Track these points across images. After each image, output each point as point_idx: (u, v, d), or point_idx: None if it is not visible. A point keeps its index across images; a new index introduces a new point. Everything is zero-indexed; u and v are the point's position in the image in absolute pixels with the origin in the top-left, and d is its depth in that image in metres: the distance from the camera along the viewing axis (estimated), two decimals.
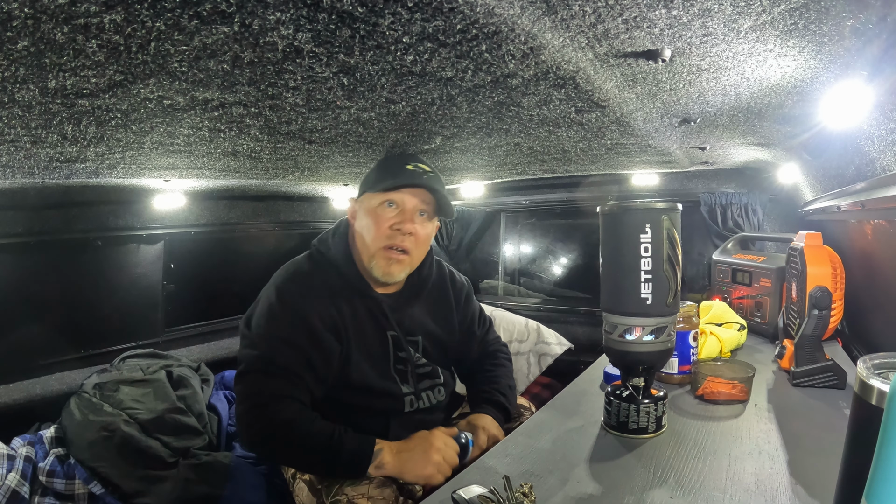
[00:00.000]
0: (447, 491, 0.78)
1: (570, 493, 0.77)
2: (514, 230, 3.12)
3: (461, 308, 1.33)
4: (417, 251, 1.16)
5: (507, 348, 1.43)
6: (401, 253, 1.12)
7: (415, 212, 1.14)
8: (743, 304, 1.70)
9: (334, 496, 1.02)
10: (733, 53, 0.73)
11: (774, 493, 0.74)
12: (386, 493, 1.00)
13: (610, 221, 0.94)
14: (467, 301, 1.35)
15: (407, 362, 1.20)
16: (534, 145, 1.35)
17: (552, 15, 0.58)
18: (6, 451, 1.45)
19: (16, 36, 0.49)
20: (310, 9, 0.50)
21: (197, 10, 0.48)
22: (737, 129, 1.27)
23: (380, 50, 0.61)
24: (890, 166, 0.94)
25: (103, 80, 0.64)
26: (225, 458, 1.66)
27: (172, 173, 1.48)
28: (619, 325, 0.93)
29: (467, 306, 1.35)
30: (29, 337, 1.79)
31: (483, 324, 1.40)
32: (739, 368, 1.14)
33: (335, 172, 1.68)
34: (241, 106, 0.82)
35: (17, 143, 0.93)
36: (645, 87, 0.89)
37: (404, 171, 1.13)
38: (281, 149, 1.20)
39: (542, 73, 0.73)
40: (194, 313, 2.35)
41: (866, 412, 0.50)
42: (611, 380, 1.22)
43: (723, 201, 2.18)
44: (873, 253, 1.25)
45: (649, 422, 0.95)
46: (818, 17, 0.60)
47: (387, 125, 1.02)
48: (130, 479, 1.50)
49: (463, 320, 1.34)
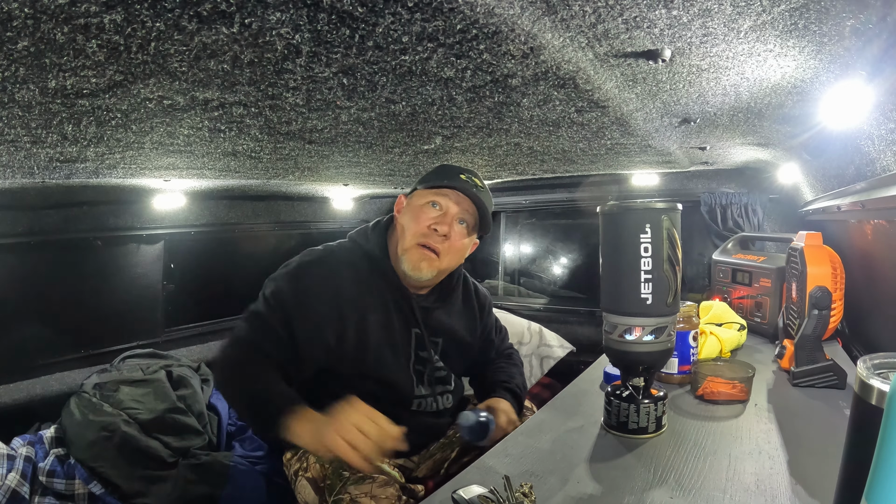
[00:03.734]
0: (447, 491, 0.79)
1: (570, 493, 0.77)
2: (514, 230, 3.12)
3: (483, 319, 1.38)
4: (448, 257, 1.16)
5: (519, 357, 1.47)
6: (432, 252, 1.14)
7: (455, 218, 1.16)
8: (743, 304, 1.70)
9: (337, 494, 1.02)
10: (733, 53, 0.73)
11: (774, 493, 0.74)
12: (388, 493, 1.00)
13: (610, 221, 0.94)
14: (488, 313, 1.41)
15: (426, 363, 1.21)
16: (534, 145, 1.35)
17: (552, 15, 0.58)
18: (6, 451, 1.45)
19: (16, 36, 0.49)
20: (310, 9, 0.50)
21: (197, 10, 0.48)
22: (737, 129, 1.27)
23: (380, 50, 0.61)
24: (890, 166, 0.94)
25: (103, 80, 0.64)
26: (225, 458, 1.66)
27: (172, 173, 1.48)
28: (619, 325, 0.93)
29: (488, 317, 1.40)
30: (29, 337, 1.79)
31: (499, 332, 1.45)
32: (739, 368, 1.14)
33: (335, 172, 1.68)
34: (241, 106, 0.82)
35: (17, 143, 0.93)
36: (645, 87, 0.89)
37: (456, 178, 1.16)
38: (281, 149, 1.20)
39: (542, 73, 0.73)
40: (194, 313, 2.34)
41: (866, 412, 0.50)
42: (611, 380, 1.22)
43: (723, 201, 2.18)
44: (873, 253, 1.25)
45: (649, 422, 0.95)
46: (818, 17, 0.60)
47: (387, 125, 1.02)
48: (130, 479, 1.50)
49: (483, 329, 1.38)
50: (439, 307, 1.26)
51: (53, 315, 1.86)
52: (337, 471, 1.07)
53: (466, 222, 1.18)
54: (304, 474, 1.13)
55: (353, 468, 1.06)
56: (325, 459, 1.06)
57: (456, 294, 1.31)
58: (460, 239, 1.17)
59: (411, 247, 1.14)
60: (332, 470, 1.08)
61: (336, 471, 1.07)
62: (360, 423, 0.89)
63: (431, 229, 1.13)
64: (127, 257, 2.06)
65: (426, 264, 1.14)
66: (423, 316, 1.21)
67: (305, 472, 1.13)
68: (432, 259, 1.14)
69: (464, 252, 1.21)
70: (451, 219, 1.15)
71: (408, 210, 1.19)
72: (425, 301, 1.23)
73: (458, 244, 1.17)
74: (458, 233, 1.16)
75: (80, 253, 1.92)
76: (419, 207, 1.16)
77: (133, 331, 2.10)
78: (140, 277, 2.10)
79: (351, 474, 1.05)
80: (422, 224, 1.14)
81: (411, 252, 1.14)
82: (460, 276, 1.33)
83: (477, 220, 1.20)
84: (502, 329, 1.48)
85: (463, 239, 1.18)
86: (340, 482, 1.04)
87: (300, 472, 1.15)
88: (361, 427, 0.89)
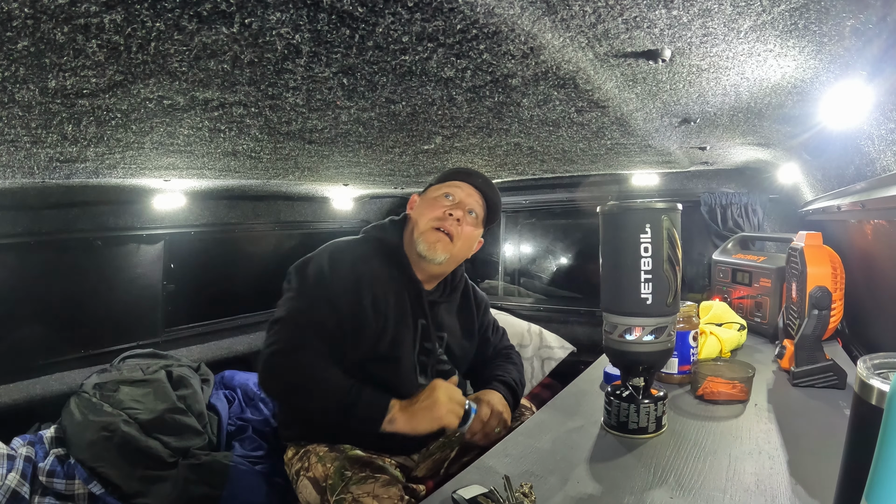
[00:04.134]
0: (447, 491, 0.79)
1: (570, 493, 0.77)
2: (514, 230, 3.12)
3: (480, 317, 1.44)
4: (460, 243, 1.23)
5: (519, 356, 1.49)
6: (447, 236, 1.21)
7: (467, 207, 1.25)
8: (743, 304, 1.70)
9: (339, 494, 1.02)
10: (733, 53, 0.73)
11: (774, 493, 0.74)
12: (391, 492, 1.00)
13: (610, 221, 0.94)
14: (485, 312, 1.48)
15: (430, 354, 1.26)
16: (534, 145, 1.36)
17: (552, 15, 0.58)
18: (6, 451, 1.45)
19: (16, 36, 0.49)
20: (310, 9, 0.50)
21: (197, 10, 0.48)
22: (737, 129, 1.27)
23: (380, 50, 0.61)
24: (890, 166, 0.94)
25: (103, 80, 0.64)
26: (225, 458, 1.66)
27: (172, 173, 1.48)
28: (619, 325, 0.93)
29: (485, 316, 1.48)
30: (29, 337, 1.78)
31: (497, 331, 1.51)
32: (739, 368, 1.14)
33: (335, 172, 1.68)
34: (241, 106, 0.82)
35: (17, 143, 0.93)
36: (645, 87, 0.89)
37: (468, 175, 1.27)
38: (281, 149, 1.20)
39: (542, 73, 0.73)
40: (194, 313, 2.34)
41: (866, 412, 0.50)
42: (611, 380, 1.22)
43: (723, 201, 2.18)
44: (873, 253, 1.25)
45: (649, 422, 0.95)
46: (818, 17, 0.60)
47: (387, 125, 1.02)
48: (130, 479, 1.49)
49: (480, 327, 1.44)
50: (443, 303, 1.32)
51: (53, 315, 1.86)
52: (339, 471, 1.07)
53: (476, 213, 1.26)
54: (306, 474, 1.13)
55: (355, 467, 1.07)
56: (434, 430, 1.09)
57: (457, 294, 1.37)
58: (469, 228, 1.25)
59: (427, 230, 1.21)
60: (334, 470, 1.08)
61: (338, 471, 1.07)
62: (455, 396, 1.06)
63: (446, 214, 1.22)
64: (127, 257, 2.05)
65: (441, 245, 1.20)
66: (430, 309, 1.27)
67: (307, 471, 1.13)
68: (447, 242, 1.21)
69: (472, 242, 1.29)
70: (464, 208, 1.24)
71: (422, 203, 1.28)
72: (431, 295, 1.28)
73: (467, 232, 1.24)
74: (469, 221, 1.25)
75: (80, 253, 1.91)
76: (433, 199, 1.25)
77: (133, 331, 2.10)
78: (140, 277, 2.10)
79: (353, 474, 1.05)
80: (436, 210, 1.22)
81: (427, 234, 1.21)
82: (462, 275, 1.39)
83: (485, 213, 1.29)
84: (500, 328, 1.52)
85: (471, 229, 1.26)
86: (343, 482, 1.04)
87: (302, 472, 1.15)
88: (457, 399, 1.06)
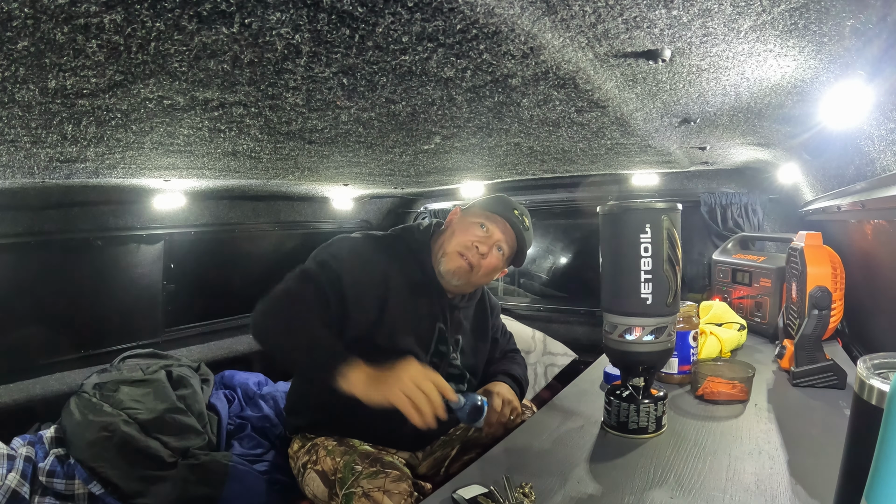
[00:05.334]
0: (447, 491, 0.79)
1: (570, 493, 0.77)
2: None
3: (492, 320, 1.50)
4: (481, 273, 1.26)
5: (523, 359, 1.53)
6: (468, 265, 1.24)
7: (496, 243, 1.27)
8: (743, 304, 1.70)
9: (349, 488, 1.03)
10: (733, 53, 0.73)
11: (774, 493, 0.74)
12: (401, 488, 1.01)
13: (610, 221, 0.94)
14: (497, 315, 1.55)
15: (443, 357, 1.29)
16: (534, 145, 1.35)
17: (552, 15, 0.58)
18: (6, 451, 1.45)
19: (16, 36, 0.49)
20: (310, 9, 0.50)
21: (197, 10, 0.48)
22: (737, 129, 1.27)
23: (380, 50, 0.61)
24: (890, 166, 0.94)
25: (103, 80, 0.64)
26: (224, 458, 1.65)
27: (172, 173, 1.48)
28: (619, 325, 0.93)
29: (496, 319, 1.54)
30: (29, 337, 1.78)
31: (504, 334, 1.55)
32: (739, 368, 1.14)
33: (335, 172, 1.68)
34: (241, 106, 0.82)
35: (17, 143, 0.93)
36: (645, 87, 0.89)
37: (510, 211, 1.29)
38: (281, 149, 1.20)
39: (542, 73, 0.73)
40: (194, 313, 2.34)
41: (866, 412, 0.50)
42: (611, 380, 1.22)
43: (723, 201, 2.18)
44: (873, 253, 1.25)
45: (649, 422, 0.95)
46: (818, 17, 0.60)
47: (387, 125, 1.02)
48: (130, 479, 1.49)
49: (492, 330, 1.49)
50: (463, 308, 1.37)
51: (53, 315, 1.86)
52: (349, 464, 1.08)
53: (504, 251, 1.29)
54: (314, 467, 1.14)
55: (365, 462, 1.07)
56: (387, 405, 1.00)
57: (475, 299, 1.42)
58: (493, 261, 1.28)
59: (452, 252, 1.25)
60: (343, 463, 1.09)
61: (348, 464, 1.08)
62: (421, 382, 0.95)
63: (474, 245, 1.24)
64: (127, 257, 2.05)
65: (460, 273, 1.24)
66: (449, 314, 1.30)
67: (315, 464, 1.14)
68: (466, 271, 1.25)
69: (493, 274, 1.31)
70: (493, 243, 1.27)
71: (460, 222, 1.31)
72: (451, 301, 1.32)
73: (490, 265, 1.27)
74: (494, 256, 1.27)
75: (80, 253, 1.92)
76: (470, 223, 1.28)
77: (133, 331, 2.10)
78: (140, 277, 2.10)
79: (363, 468, 1.06)
80: (468, 237, 1.25)
81: (451, 257, 1.25)
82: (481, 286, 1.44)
83: (513, 253, 1.32)
84: (507, 332, 1.57)
85: (495, 263, 1.28)
86: (353, 476, 1.05)
87: (309, 465, 1.15)
88: (422, 386, 0.94)
